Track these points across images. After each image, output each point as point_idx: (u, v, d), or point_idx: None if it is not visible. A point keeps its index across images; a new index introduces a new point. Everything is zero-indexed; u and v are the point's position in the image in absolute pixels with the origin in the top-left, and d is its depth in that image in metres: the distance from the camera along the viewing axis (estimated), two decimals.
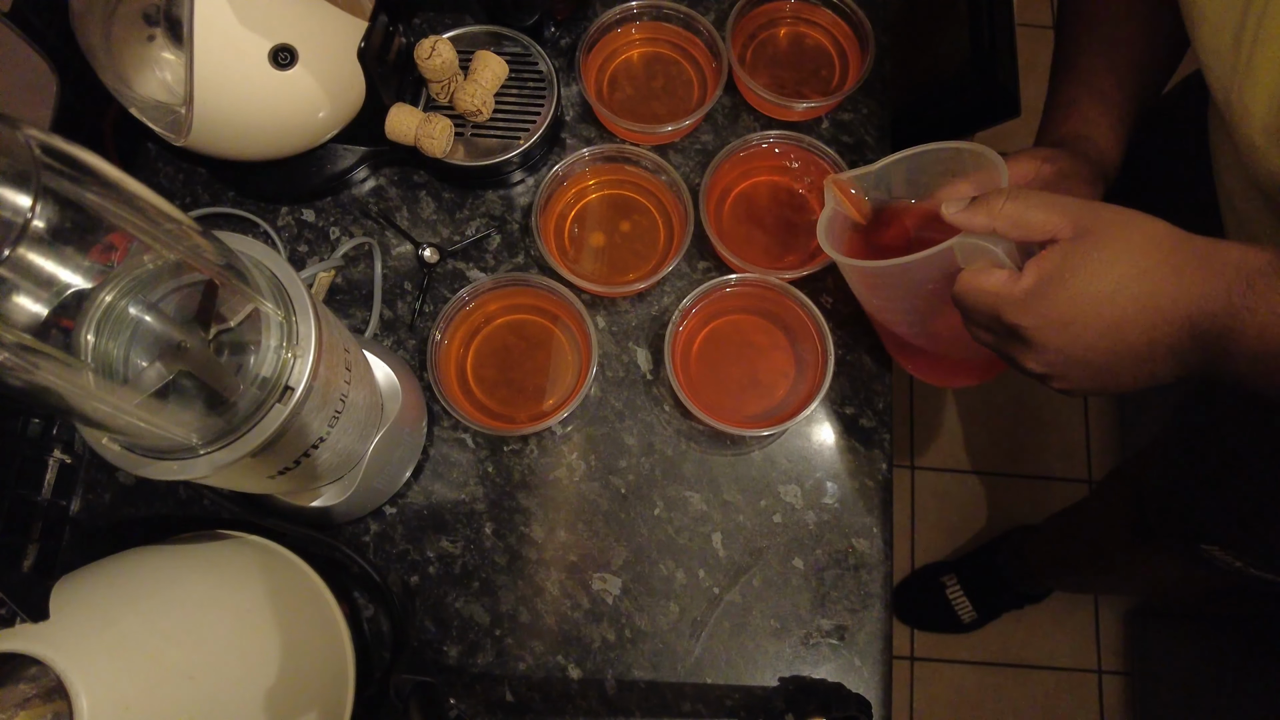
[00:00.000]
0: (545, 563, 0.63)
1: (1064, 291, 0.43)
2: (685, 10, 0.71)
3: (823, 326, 0.62)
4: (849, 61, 0.73)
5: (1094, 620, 1.43)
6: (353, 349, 0.51)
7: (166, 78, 0.61)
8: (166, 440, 0.40)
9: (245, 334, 0.42)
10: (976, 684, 1.40)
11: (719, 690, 0.61)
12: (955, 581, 1.39)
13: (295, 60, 0.58)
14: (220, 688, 0.46)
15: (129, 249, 0.38)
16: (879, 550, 0.63)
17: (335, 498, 0.57)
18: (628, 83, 0.73)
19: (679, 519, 0.64)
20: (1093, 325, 0.43)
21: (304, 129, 0.63)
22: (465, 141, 0.68)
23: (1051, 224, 0.43)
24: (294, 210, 0.71)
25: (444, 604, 0.62)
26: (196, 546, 0.54)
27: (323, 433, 0.47)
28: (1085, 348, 0.44)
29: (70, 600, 0.42)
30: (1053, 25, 1.75)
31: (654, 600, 0.62)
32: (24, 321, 0.35)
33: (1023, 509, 1.47)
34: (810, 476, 0.65)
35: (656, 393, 0.66)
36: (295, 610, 0.53)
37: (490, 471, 0.65)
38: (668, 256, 0.67)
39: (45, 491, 0.61)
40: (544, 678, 0.61)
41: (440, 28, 0.73)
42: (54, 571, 0.61)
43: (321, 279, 0.68)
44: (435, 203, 0.71)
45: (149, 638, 0.44)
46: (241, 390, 0.41)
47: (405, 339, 0.68)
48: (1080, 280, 0.42)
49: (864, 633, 0.61)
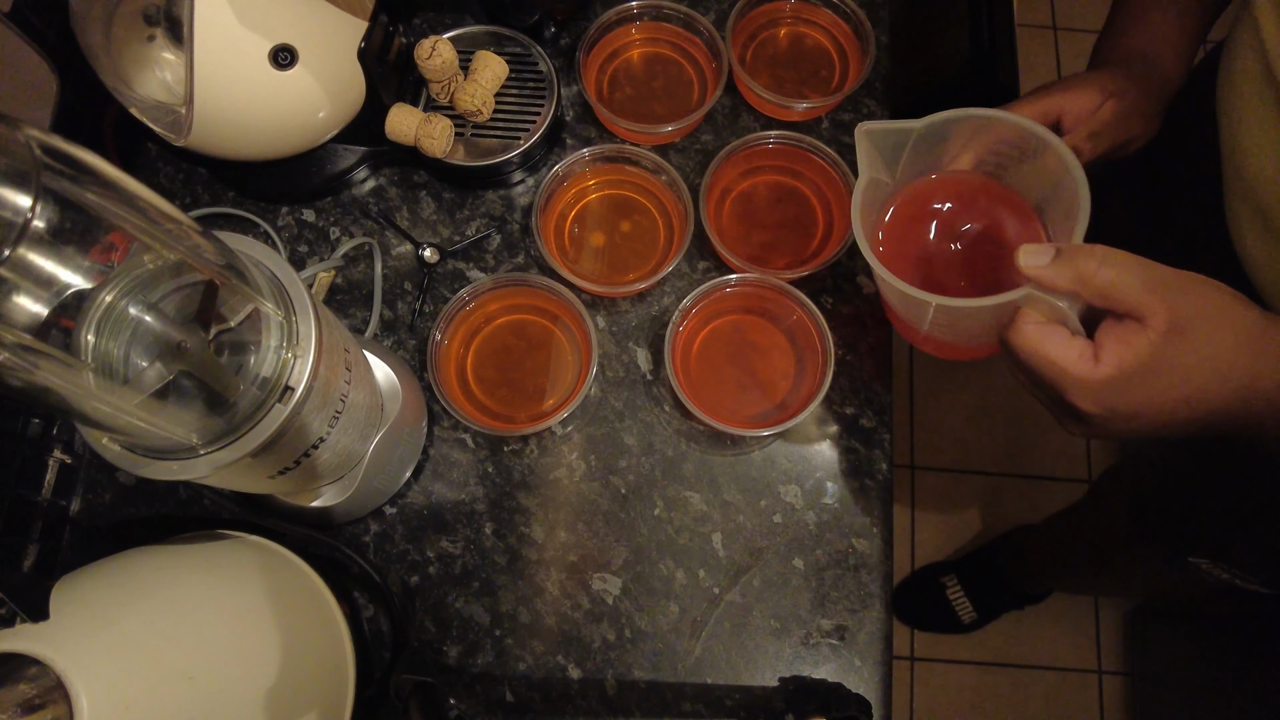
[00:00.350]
0: (545, 563, 0.63)
1: (1142, 391, 0.40)
2: (685, 10, 0.71)
3: (823, 326, 0.62)
4: (849, 62, 0.73)
5: (1094, 620, 1.43)
6: (353, 349, 0.51)
7: (166, 78, 0.61)
8: (166, 440, 0.40)
9: (245, 334, 0.42)
10: (976, 684, 1.40)
11: (719, 690, 0.61)
12: (955, 581, 1.39)
13: (295, 60, 0.58)
14: (220, 688, 0.46)
15: (129, 249, 0.38)
16: (879, 550, 0.63)
17: (335, 498, 0.57)
18: (628, 83, 0.73)
19: (679, 519, 0.64)
20: (1159, 420, 0.41)
21: (304, 129, 0.63)
22: (465, 141, 0.68)
23: (1145, 306, 0.38)
24: (294, 210, 0.71)
25: (444, 604, 0.62)
26: (197, 547, 0.54)
27: (323, 433, 0.47)
28: (1139, 430, 0.42)
29: (70, 600, 0.42)
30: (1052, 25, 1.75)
31: (654, 600, 0.62)
32: (24, 321, 0.35)
33: (1023, 509, 1.47)
34: (810, 476, 0.65)
35: (656, 393, 0.66)
36: (295, 610, 0.53)
37: (490, 471, 0.65)
38: (668, 256, 0.67)
39: (45, 491, 0.61)
40: (544, 678, 0.61)
41: (440, 28, 0.73)
42: (54, 571, 0.61)
43: (321, 279, 0.68)
44: (435, 203, 0.71)
45: (149, 638, 0.44)
46: (242, 390, 0.41)
47: (405, 339, 0.68)
48: (1162, 383, 0.39)
49: (864, 633, 0.61)
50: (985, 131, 0.50)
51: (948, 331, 0.50)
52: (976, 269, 0.52)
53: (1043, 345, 0.40)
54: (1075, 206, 0.44)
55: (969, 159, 0.52)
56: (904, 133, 0.49)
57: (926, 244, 0.53)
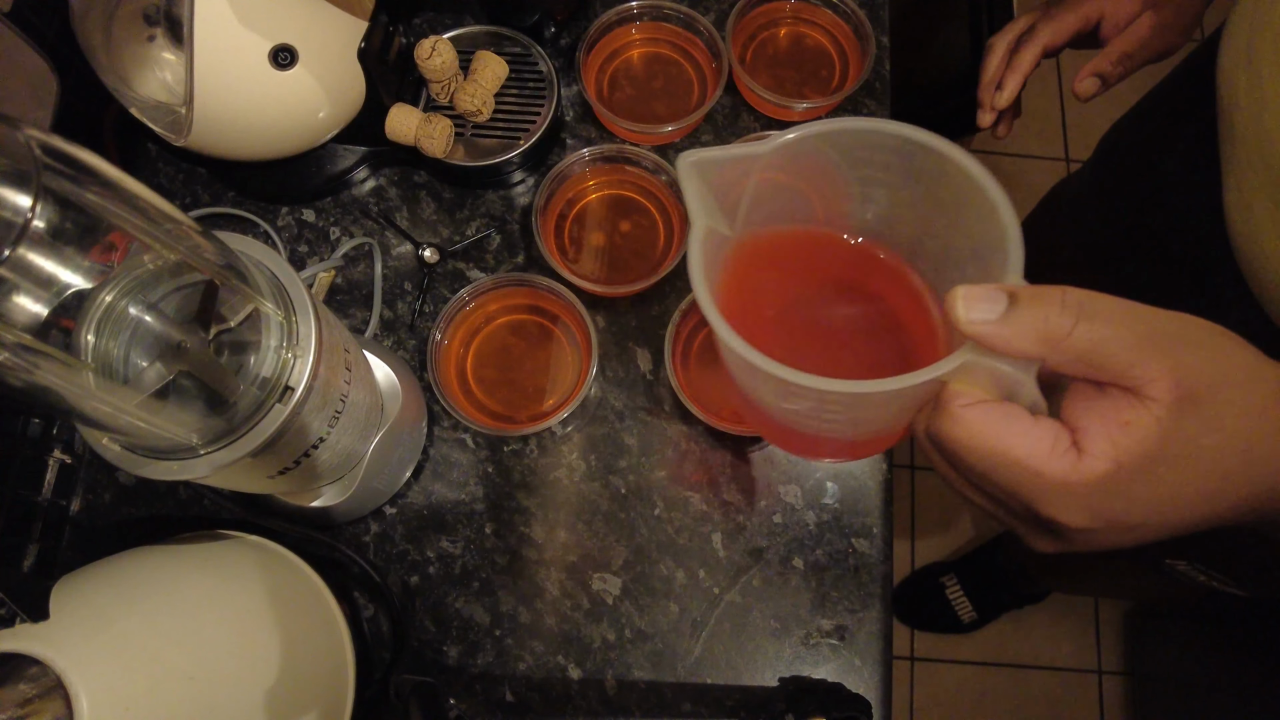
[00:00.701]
0: (545, 563, 0.63)
1: (1148, 489, 0.28)
2: (685, 10, 0.71)
3: None
4: (849, 62, 0.73)
5: (1094, 620, 1.43)
6: (353, 349, 0.51)
7: (167, 78, 0.61)
8: (166, 440, 0.40)
9: (245, 334, 0.42)
10: (976, 684, 1.40)
11: (719, 690, 0.61)
12: (955, 581, 1.39)
13: (295, 60, 0.58)
14: (220, 688, 0.46)
15: (129, 249, 0.38)
16: (879, 550, 0.63)
17: (335, 498, 0.57)
18: (628, 83, 0.73)
19: (679, 519, 0.64)
20: (1171, 525, 0.29)
21: (304, 129, 0.63)
22: (465, 142, 0.68)
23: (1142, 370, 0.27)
24: (294, 210, 0.71)
25: (444, 604, 0.62)
26: (197, 547, 0.54)
27: (323, 433, 0.47)
28: (1143, 540, 0.30)
29: (70, 600, 0.42)
30: None
31: (654, 600, 0.62)
32: (24, 321, 0.35)
33: None
34: (810, 476, 0.65)
35: (656, 393, 0.66)
36: (295, 610, 0.53)
37: (490, 472, 0.65)
38: (668, 257, 0.67)
39: (45, 491, 0.61)
40: (544, 678, 0.61)
41: (440, 28, 0.73)
42: (54, 571, 0.61)
43: (321, 279, 0.68)
44: (435, 203, 0.71)
45: (149, 638, 0.44)
46: (241, 390, 0.41)
47: (405, 339, 0.68)
48: (1178, 476, 0.28)
49: (864, 633, 0.61)
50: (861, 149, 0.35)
51: (835, 424, 0.34)
52: (848, 341, 0.40)
53: (999, 439, 0.28)
54: (1001, 244, 0.30)
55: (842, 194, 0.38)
56: (747, 160, 0.34)
57: (785, 311, 0.39)
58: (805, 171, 0.36)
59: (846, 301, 0.40)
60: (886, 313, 0.39)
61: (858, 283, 0.39)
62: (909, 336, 0.35)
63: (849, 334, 0.40)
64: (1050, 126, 1.60)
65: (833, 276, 0.40)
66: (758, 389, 0.34)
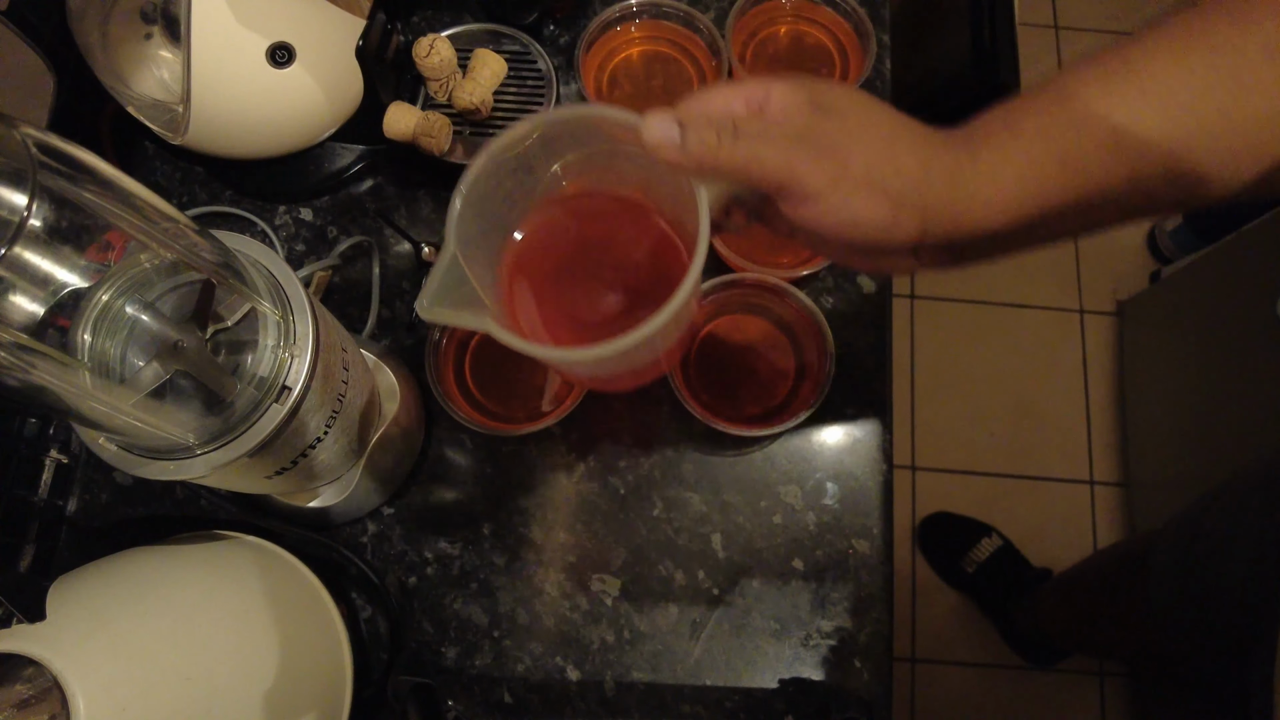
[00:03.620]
0: (544, 564, 0.63)
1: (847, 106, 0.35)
2: (685, 8, 0.71)
3: (823, 326, 0.62)
4: (849, 60, 0.73)
5: None
6: (350, 348, 0.51)
7: (164, 76, 0.61)
8: (163, 440, 0.40)
9: (242, 333, 0.41)
10: (977, 684, 1.40)
11: (718, 692, 0.60)
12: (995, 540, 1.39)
13: (293, 58, 0.58)
14: (217, 689, 0.45)
15: (126, 248, 0.38)
16: (879, 551, 0.63)
17: (333, 498, 0.57)
18: (627, 81, 0.73)
19: (678, 520, 0.63)
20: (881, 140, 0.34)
21: (301, 127, 0.63)
22: (464, 140, 0.67)
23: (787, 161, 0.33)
24: (291, 209, 0.71)
25: (442, 605, 0.62)
26: (194, 547, 0.54)
27: (320, 432, 0.47)
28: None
29: (67, 601, 0.42)
30: (1054, 24, 1.75)
31: (653, 601, 0.62)
32: (20, 321, 0.35)
33: (1023, 509, 1.47)
34: (810, 477, 0.64)
35: (656, 393, 0.66)
36: (293, 611, 0.53)
37: (489, 472, 0.64)
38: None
39: (42, 491, 0.61)
40: (542, 679, 0.61)
41: (439, 26, 0.73)
42: (50, 572, 0.61)
43: (319, 278, 0.68)
44: (434, 202, 0.71)
45: (146, 638, 0.44)
46: (238, 390, 0.41)
47: (403, 338, 0.68)
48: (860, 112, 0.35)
49: (864, 634, 0.61)
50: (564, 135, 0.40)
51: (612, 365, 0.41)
52: (622, 276, 0.46)
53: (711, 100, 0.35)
54: (691, 200, 0.36)
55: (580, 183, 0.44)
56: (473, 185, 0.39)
57: (567, 263, 0.46)
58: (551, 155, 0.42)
59: (617, 246, 0.47)
60: (647, 246, 0.46)
61: (622, 231, 0.46)
62: (663, 259, 0.42)
63: (622, 269, 0.46)
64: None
65: (604, 230, 0.47)
66: (554, 365, 0.43)
